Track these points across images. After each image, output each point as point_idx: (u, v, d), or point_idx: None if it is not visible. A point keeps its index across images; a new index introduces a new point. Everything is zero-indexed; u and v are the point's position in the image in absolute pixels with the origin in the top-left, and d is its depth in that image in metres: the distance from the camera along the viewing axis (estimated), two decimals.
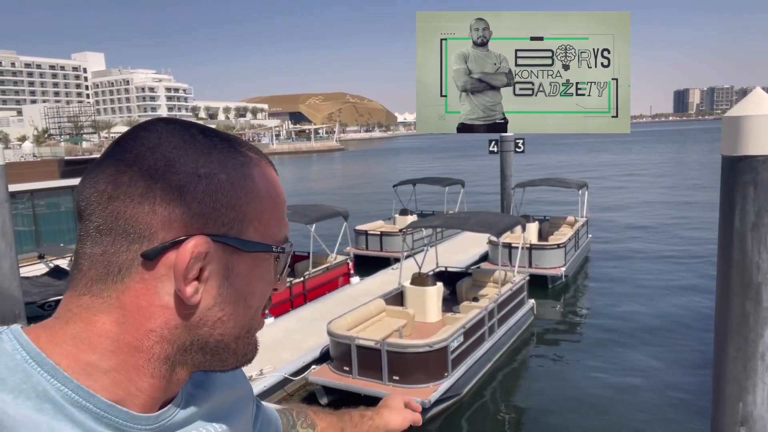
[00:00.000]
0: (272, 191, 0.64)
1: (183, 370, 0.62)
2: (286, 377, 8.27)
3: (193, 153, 0.59)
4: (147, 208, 0.56)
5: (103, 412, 0.56)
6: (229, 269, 0.60)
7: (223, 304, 0.60)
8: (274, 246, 0.63)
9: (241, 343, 0.65)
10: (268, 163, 0.66)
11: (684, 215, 23.52)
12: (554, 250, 13.87)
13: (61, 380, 0.54)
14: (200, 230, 0.57)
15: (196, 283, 0.57)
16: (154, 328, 0.58)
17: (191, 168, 0.58)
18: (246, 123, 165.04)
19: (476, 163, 56.43)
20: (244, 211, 0.60)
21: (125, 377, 0.57)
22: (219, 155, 0.60)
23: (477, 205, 22.15)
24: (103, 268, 0.57)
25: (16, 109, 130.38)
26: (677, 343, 10.36)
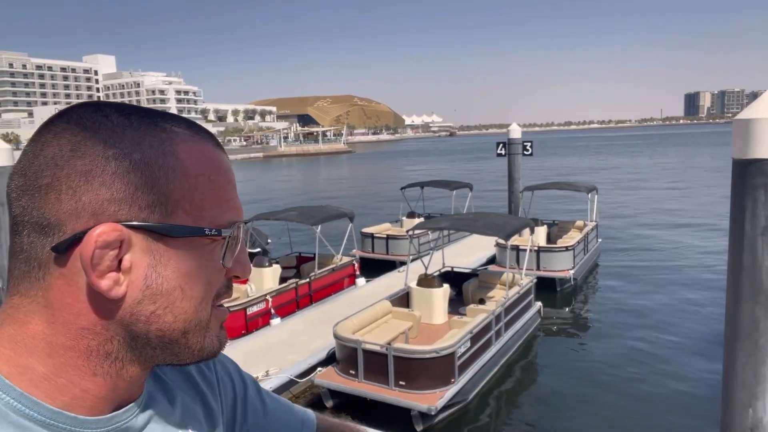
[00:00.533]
0: (206, 169, 0.57)
1: (134, 366, 0.58)
2: (291, 379, 8.25)
3: (102, 134, 0.54)
4: (53, 198, 0.52)
5: (50, 420, 0.53)
6: (156, 258, 0.55)
7: (155, 297, 0.55)
8: (207, 229, 0.56)
9: (193, 337, 0.59)
10: (204, 138, 0.60)
11: (695, 219, 23.32)
12: (562, 253, 13.79)
13: (3, 389, 0.52)
14: (114, 217, 0.52)
15: (114, 274, 0.53)
16: (86, 325, 0.54)
17: (99, 150, 0.53)
18: (255, 125, 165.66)
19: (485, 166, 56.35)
20: (165, 193, 0.54)
21: (66, 380, 0.54)
22: (134, 133, 0.55)
23: (485, 208, 22.08)
24: (25, 266, 0.54)
25: (27, 111, 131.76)
26: (687, 349, 10.25)
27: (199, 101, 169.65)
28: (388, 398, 7.44)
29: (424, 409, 7.17)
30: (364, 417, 6.79)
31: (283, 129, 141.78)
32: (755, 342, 4.73)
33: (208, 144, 0.60)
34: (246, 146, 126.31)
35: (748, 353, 4.78)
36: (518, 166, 19.07)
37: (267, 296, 10.71)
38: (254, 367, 8.45)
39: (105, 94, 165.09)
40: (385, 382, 7.56)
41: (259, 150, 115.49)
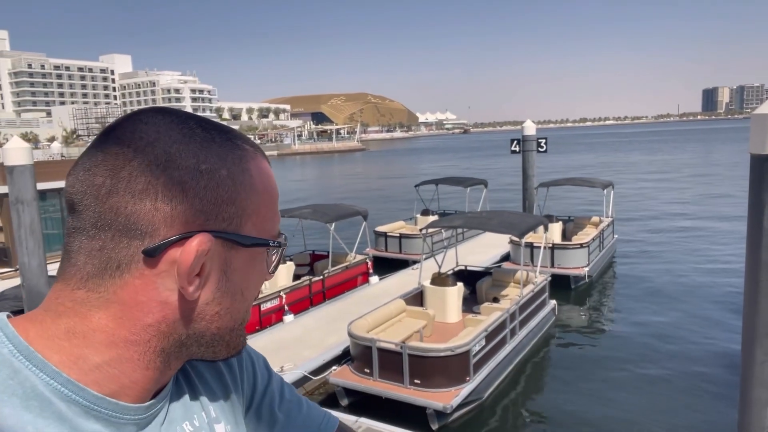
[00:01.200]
0: (268, 185, 0.64)
1: (178, 361, 0.63)
2: (305, 375, 8.30)
3: (193, 147, 0.58)
4: (148, 204, 0.55)
5: (93, 405, 0.55)
6: (227, 264, 0.60)
7: (221, 299, 0.61)
8: (271, 241, 0.63)
9: (235, 334, 0.65)
10: (263, 156, 0.65)
11: (714, 216, 23.02)
12: (577, 250, 13.70)
13: (50, 374, 0.54)
14: (201, 226, 0.57)
15: (197, 279, 0.57)
16: (152, 323, 0.58)
17: (192, 163, 0.57)
18: (269, 123, 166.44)
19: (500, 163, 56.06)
20: (243, 207, 0.60)
21: (119, 371, 0.57)
22: (218, 149, 0.59)
23: (500, 205, 21.99)
24: (101, 264, 0.56)
25: (45, 111, 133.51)
26: (703, 347, 10.14)
27: (213, 100, 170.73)
28: (403, 397, 7.45)
29: (439, 407, 7.17)
30: (379, 415, 6.82)
31: (297, 127, 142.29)
32: None
33: (266, 161, 0.66)
34: (260, 145, 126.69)
35: (766, 351, 4.72)
36: (532, 162, 18.93)
37: (281, 293, 10.79)
38: (270, 364, 8.51)
39: (121, 93, 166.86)
40: (400, 381, 7.57)
41: (273, 148, 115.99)
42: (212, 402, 0.72)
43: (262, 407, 0.81)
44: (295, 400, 0.86)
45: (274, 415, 0.82)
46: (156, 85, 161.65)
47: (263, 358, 0.86)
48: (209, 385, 0.74)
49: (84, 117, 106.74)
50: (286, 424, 0.82)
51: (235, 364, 0.79)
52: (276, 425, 0.81)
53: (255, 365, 0.83)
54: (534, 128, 19.44)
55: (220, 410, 0.73)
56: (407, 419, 6.91)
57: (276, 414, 0.82)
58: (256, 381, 0.82)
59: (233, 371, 0.78)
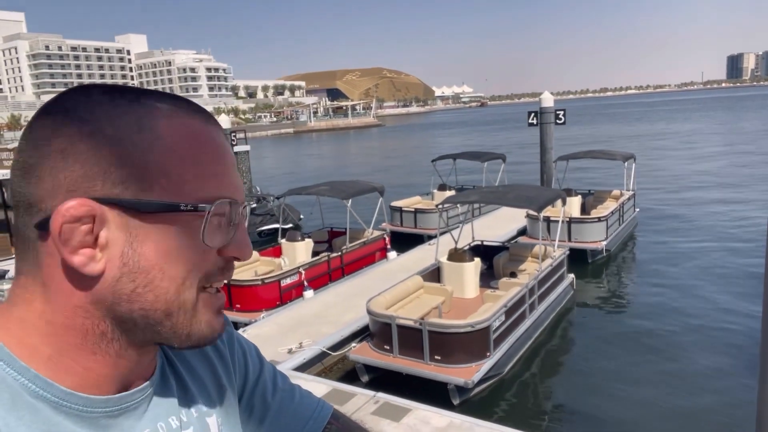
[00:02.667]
0: (187, 143, 0.56)
1: (131, 347, 0.59)
2: (324, 351, 8.41)
3: (81, 112, 0.54)
4: (35, 178, 0.53)
5: (62, 400, 0.54)
6: (132, 234, 0.54)
7: (133, 274, 0.55)
8: (183, 204, 0.55)
9: (178, 320, 0.58)
10: (189, 113, 0.58)
11: (741, 188, 22.48)
12: (595, 224, 13.54)
13: (18, 370, 0.53)
14: (86, 193, 0.52)
15: (89, 251, 0.53)
16: (78, 304, 0.55)
17: (75, 128, 0.53)
18: (284, 101, 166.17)
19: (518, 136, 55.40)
20: (140, 168, 0.54)
21: (70, 360, 0.56)
22: (111, 110, 0.55)
23: (518, 178, 21.77)
24: (23, 246, 0.56)
25: None
26: (723, 324, 9.99)
27: (229, 78, 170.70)
28: (424, 373, 7.50)
29: (461, 383, 7.21)
30: (399, 391, 6.88)
31: (312, 104, 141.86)
32: None
33: (193, 119, 0.58)
34: (276, 122, 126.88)
35: None
36: (550, 135, 18.67)
37: (300, 269, 10.91)
38: (288, 339, 8.64)
39: (138, 73, 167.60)
40: (420, 357, 7.61)
41: (289, 126, 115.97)
42: (202, 395, 0.71)
43: (254, 397, 0.80)
44: (288, 389, 0.84)
45: (267, 404, 0.80)
46: (172, 65, 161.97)
47: (255, 347, 0.85)
48: (200, 377, 0.72)
49: None
50: (279, 413, 0.81)
51: (227, 355, 0.77)
52: (269, 414, 0.80)
53: (246, 355, 0.81)
54: (552, 100, 19.12)
55: (210, 403, 0.71)
56: (427, 395, 6.96)
57: (269, 403, 0.81)
58: (248, 371, 0.80)
59: (225, 362, 0.77)
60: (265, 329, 9.16)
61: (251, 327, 9.26)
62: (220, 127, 0.62)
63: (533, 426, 6.98)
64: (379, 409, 6.37)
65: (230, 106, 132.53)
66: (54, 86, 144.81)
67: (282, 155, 60.40)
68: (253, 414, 0.79)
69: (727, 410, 7.27)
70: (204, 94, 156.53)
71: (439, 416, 6.16)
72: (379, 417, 6.20)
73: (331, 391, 6.87)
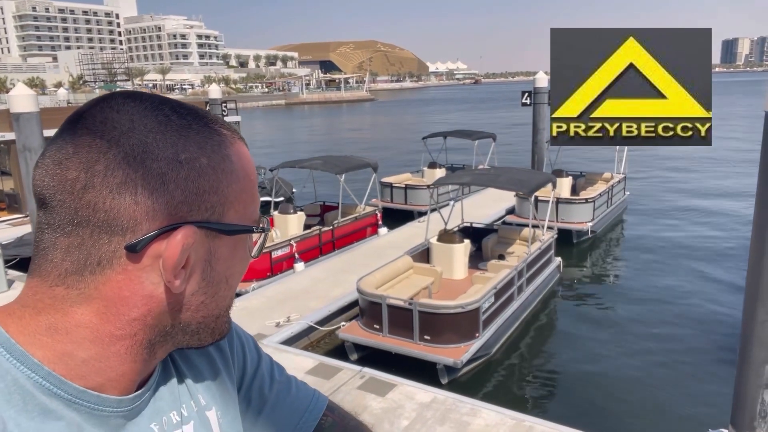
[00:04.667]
0: (248, 170, 0.62)
1: (162, 351, 0.63)
2: (311, 325, 8.48)
3: (170, 136, 0.56)
4: (128, 198, 0.53)
5: (75, 397, 0.55)
6: (211, 254, 0.59)
7: (206, 288, 0.60)
8: (255, 227, 0.63)
9: (220, 321, 0.65)
10: (241, 140, 0.64)
11: (733, 174, 22.68)
12: (582, 205, 13.65)
13: (31, 367, 0.53)
14: (184, 218, 0.56)
15: (182, 271, 0.57)
16: (137, 317, 0.57)
17: (171, 153, 0.55)
18: (276, 71, 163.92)
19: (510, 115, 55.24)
20: (225, 194, 0.58)
21: (105, 365, 0.57)
22: (196, 136, 0.57)
23: (509, 158, 21.79)
24: (80, 261, 0.54)
25: (51, 55, 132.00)
26: (706, 306, 10.21)
27: (220, 46, 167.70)
28: (413, 352, 7.59)
29: (450, 362, 7.31)
30: (388, 369, 6.97)
31: (305, 76, 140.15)
32: None
33: (244, 145, 0.64)
34: (268, 93, 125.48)
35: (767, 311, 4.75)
36: (543, 116, 18.57)
37: (291, 241, 10.96)
38: (276, 313, 8.69)
39: (127, 38, 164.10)
40: (409, 337, 7.68)
41: (281, 97, 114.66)
42: (202, 388, 0.72)
43: (252, 389, 0.81)
44: (285, 381, 0.85)
45: (264, 397, 0.81)
46: (162, 30, 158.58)
47: (252, 339, 0.85)
48: (199, 370, 0.73)
49: (90, 62, 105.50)
50: (276, 405, 0.82)
51: (226, 347, 0.78)
52: (266, 407, 0.81)
53: (245, 347, 0.82)
54: (546, 80, 18.97)
55: (210, 396, 0.72)
56: (415, 374, 7.05)
57: (266, 395, 0.82)
58: (246, 363, 0.81)
59: (224, 354, 0.78)
60: (254, 302, 9.21)
61: (240, 300, 9.29)
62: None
63: (518, 405, 7.13)
64: (365, 384, 6.47)
65: (221, 75, 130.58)
66: (41, 48, 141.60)
67: (273, 127, 59.85)
68: (251, 406, 0.80)
69: (706, 390, 7.47)
70: (194, 62, 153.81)
71: (423, 392, 6.27)
72: (364, 392, 6.30)
73: (318, 365, 6.95)
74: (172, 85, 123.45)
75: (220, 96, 20.49)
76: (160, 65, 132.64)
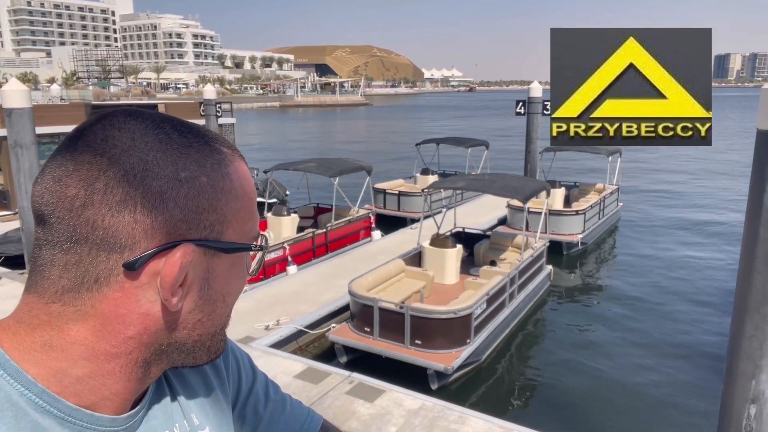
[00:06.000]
0: (247, 188, 0.62)
1: (157, 369, 0.62)
2: (300, 329, 8.44)
3: (171, 155, 0.55)
4: (127, 216, 0.53)
5: (67, 416, 0.55)
6: (209, 272, 0.59)
7: (203, 306, 0.60)
8: (253, 245, 0.62)
9: (216, 339, 0.64)
10: (240, 157, 0.64)
11: (727, 189, 22.87)
12: (572, 217, 13.71)
13: (24, 384, 0.53)
14: (183, 236, 0.55)
15: (180, 290, 0.56)
16: (133, 335, 0.56)
17: (171, 172, 0.55)
18: (271, 73, 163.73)
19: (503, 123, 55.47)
20: (224, 213, 0.58)
21: (99, 382, 0.56)
22: (197, 155, 0.57)
23: (501, 166, 21.86)
24: (78, 278, 0.54)
25: (45, 51, 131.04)
26: (694, 320, 10.28)
27: (216, 46, 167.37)
28: (404, 356, 7.56)
29: (441, 368, 7.29)
30: (378, 373, 6.95)
31: (300, 78, 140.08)
32: (764, 315, 4.71)
33: (243, 162, 0.64)
34: (263, 95, 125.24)
35: (755, 326, 4.78)
36: (537, 125, 18.66)
37: (284, 244, 10.93)
38: (265, 316, 8.66)
39: (122, 35, 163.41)
40: (400, 341, 7.65)
41: (275, 99, 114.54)
42: (196, 407, 0.71)
43: (247, 408, 0.80)
44: (279, 400, 0.85)
45: (259, 416, 0.81)
46: (157, 29, 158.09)
47: (248, 357, 0.85)
48: (193, 388, 0.72)
49: (84, 59, 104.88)
50: (271, 423, 0.82)
51: (221, 365, 0.77)
52: (260, 425, 0.81)
53: (240, 365, 0.82)
54: (540, 90, 19.10)
55: (204, 415, 0.71)
56: (405, 378, 7.04)
57: (261, 414, 0.81)
58: (241, 381, 0.81)
59: (220, 373, 0.77)
60: (244, 305, 9.15)
61: None
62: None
63: (507, 412, 7.13)
64: (353, 389, 6.44)
65: (216, 76, 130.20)
66: (34, 43, 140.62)
67: (267, 129, 59.72)
68: (245, 425, 0.79)
69: (692, 404, 7.51)
70: (189, 62, 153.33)
71: (411, 399, 6.25)
72: (352, 397, 6.27)
73: (306, 369, 6.92)
74: (166, 84, 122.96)
75: (215, 97, 20.43)
76: (154, 64, 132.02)
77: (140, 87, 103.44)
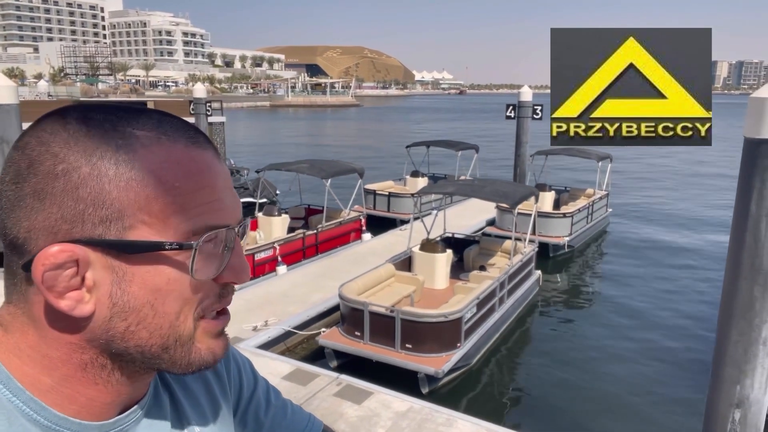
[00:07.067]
0: (169, 174, 0.52)
1: (133, 374, 0.58)
2: (288, 330, 8.41)
3: (56, 147, 0.51)
4: (18, 216, 0.51)
5: (55, 425, 0.54)
6: (119, 275, 0.52)
7: (124, 314, 0.53)
8: (167, 243, 0.52)
9: (176, 353, 0.56)
10: (172, 138, 0.54)
11: (716, 194, 23.11)
12: (560, 219, 13.79)
13: (13, 391, 0.52)
14: (68, 235, 0.50)
15: (77, 293, 0.51)
16: (73, 341, 0.54)
17: (48, 166, 0.50)
18: (262, 73, 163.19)
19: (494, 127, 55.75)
20: (119, 206, 0.50)
21: (71, 390, 0.55)
22: (87, 142, 0.51)
23: (491, 170, 21.97)
24: (11, 278, 0.54)
25: (32, 46, 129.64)
26: (679, 324, 10.38)
27: (206, 45, 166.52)
28: (394, 360, 7.55)
29: (431, 372, 7.29)
30: (368, 377, 6.94)
31: (290, 78, 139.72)
32: (749, 321, 4.78)
33: (176, 145, 0.54)
34: (253, 94, 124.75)
35: (741, 331, 4.85)
36: (527, 129, 18.80)
37: (275, 244, 10.90)
38: (254, 316, 8.62)
39: (111, 32, 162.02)
40: (391, 345, 7.65)
41: (265, 99, 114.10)
42: (196, 413, 0.70)
43: (248, 414, 0.80)
44: (280, 405, 0.84)
45: (260, 421, 0.80)
46: (147, 26, 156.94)
47: (249, 363, 0.84)
48: (194, 394, 0.71)
49: (72, 55, 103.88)
50: (272, 429, 0.81)
51: (222, 371, 0.77)
52: (261, 431, 0.80)
53: (241, 371, 0.81)
54: (530, 94, 19.23)
55: (204, 421, 0.70)
56: (396, 382, 7.03)
57: (262, 420, 0.81)
58: (242, 388, 0.80)
59: (222, 380, 0.76)
60: (232, 305, 9.03)
61: None
62: (209, 146, 0.57)
63: (497, 415, 7.15)
64: (341, 391, 6.43)
65: (206, 74, 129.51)
66: (22, 38, 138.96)
67: (257, 129, 59.50)
68: (246, 430, 0.79)
69: (678, 407, 7.59)
70: (179, 60, 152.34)
71: (400, 401, 6.25)
72: (340, 399, 6.26)
73: (295, 371, 6.90)
74: (155, 81, 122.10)
75: (205, 95, 20.32)
76: (144, 61, 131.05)
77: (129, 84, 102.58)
